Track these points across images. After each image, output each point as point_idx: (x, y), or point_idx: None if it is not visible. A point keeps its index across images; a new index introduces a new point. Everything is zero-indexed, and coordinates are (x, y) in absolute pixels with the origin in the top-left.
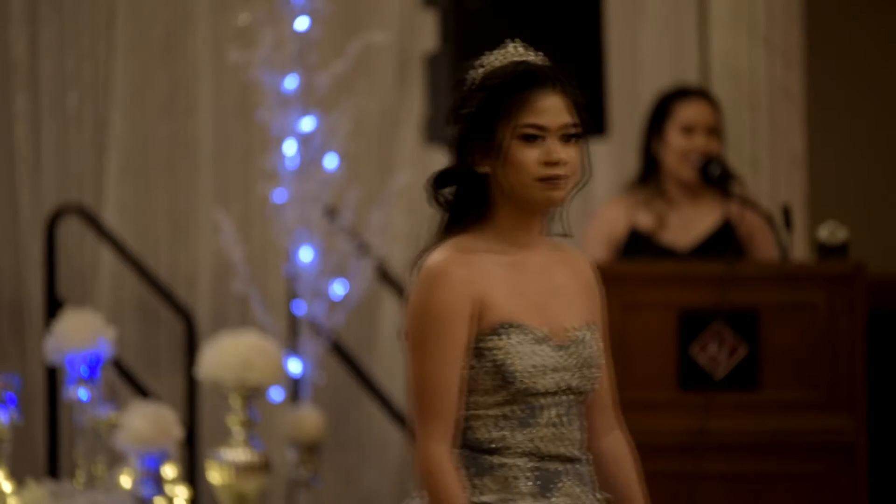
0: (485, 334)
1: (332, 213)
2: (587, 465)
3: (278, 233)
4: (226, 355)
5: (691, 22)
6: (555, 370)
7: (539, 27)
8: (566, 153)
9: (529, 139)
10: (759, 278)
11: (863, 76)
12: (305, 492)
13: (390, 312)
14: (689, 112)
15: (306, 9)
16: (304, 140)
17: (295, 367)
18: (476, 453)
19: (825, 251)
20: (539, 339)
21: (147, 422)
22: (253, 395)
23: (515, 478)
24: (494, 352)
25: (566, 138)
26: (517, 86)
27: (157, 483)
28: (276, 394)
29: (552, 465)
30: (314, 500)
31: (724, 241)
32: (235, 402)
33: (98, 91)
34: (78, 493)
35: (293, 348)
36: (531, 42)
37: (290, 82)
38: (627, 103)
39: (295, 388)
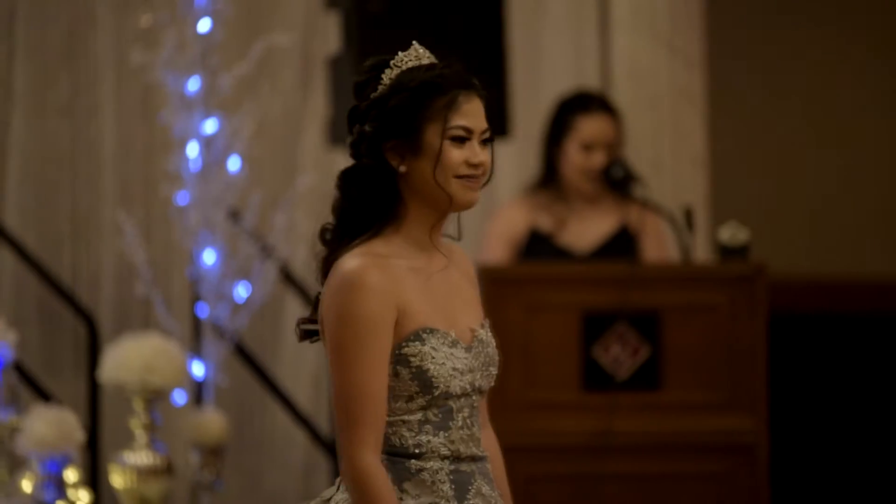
0: (404, 340)
1: (235, 215)
2: (488, 464)
3: (181, 235)
4: (128, 358)
5: (593, 24)
6: (466, 372)
7: (442, 29)
8: (484, 156)
9: (458, 140)
10: (660, 279)
11: (763, 78)
12: (209, 495)
13: (294, 314)
14: (589, 129)
15: (209, 10)
16: (207, 142)
17: (198, 369)
18: (396, 458)
19: (726, 252)
20: (451, 343)
21: (49, 426)
22: (156, 398)
23: (437, 481)
24: (413, 358)
25: (483, 142)
26: (444, 87)
27: (59, 487)
28: (179, 396)
29: (466, 467)
30: (217, 502)
31: (623, 245)
32: (138, 405)
33: None
34: None
35: (196, 351)
36: (434, 44)
37: (193, 84)
38: (530, 105)
39: (198, 390)
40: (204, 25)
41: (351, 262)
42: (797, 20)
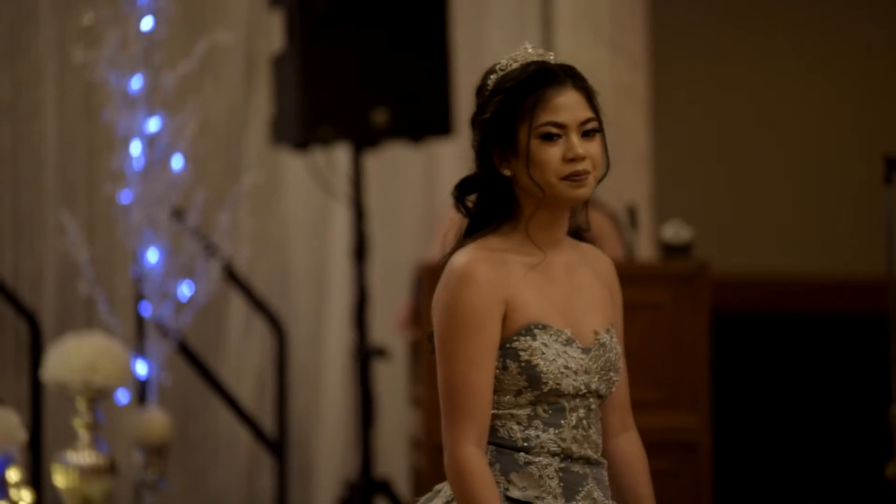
0: (512, 335)
1: (178, 213)
2: (605, 471)
3: (124, 234)
4: (71, 357)
5: (535, 23)
6: (580, 372)
7: (385, 28)
8: (587, 148)
9: (549, 138)
10: None
11: (706, 77)
12: (152, 494)
13: (237, 313)
14: None
15: (151, 8)
16: (151, 140)
17: (141, 368)
18: (505, 450)
19: (669, 251)
20: (566, 341)
21: None
22: (99, 397)
23: (545, 476)
24: (523, 352)
25: (586, 133)
26: (532, 86)
27: (1, 487)
28: (123, 396)
29: (577, 468)
30: (161, 501)
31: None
32: (81, 404)
33: None
34: None
35: (140, 350)
36: (377, 43)
37: (136, 82)
38: (474, 103)
39: (141, 389)
40: (147, 24)
41: (461, 257)
42: (740, 19)
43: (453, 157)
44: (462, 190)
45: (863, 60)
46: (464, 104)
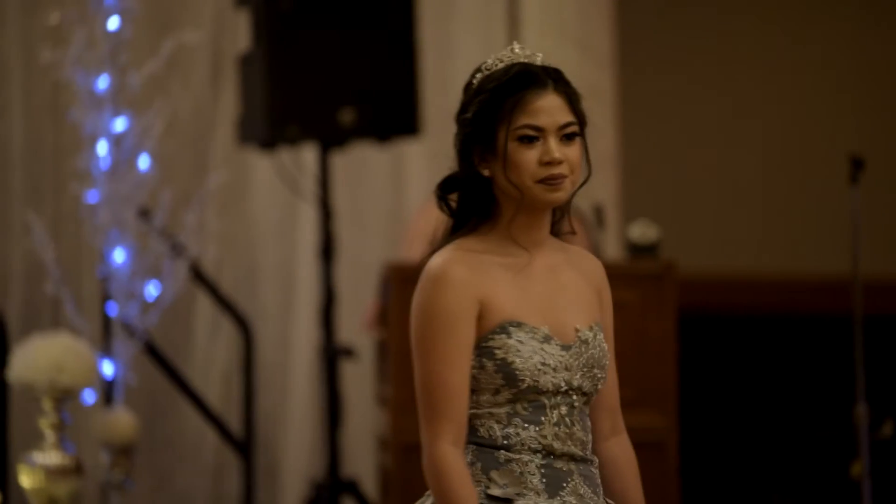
0: (488, 333)
1: (145, 213)
2: (595, 469)
3: (91, 234)
4: (37, 358)
5: (502, 23)
6: (560, 369)
7: (352, 28)
8: (565, 152)
9: (527, 140)
10: None
11: (673, 76)
12: (118, 494)
13: (204, 313)
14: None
15: (118, 8)
16: (117, 140)
17: (108, 368)
18: (485, 448)
19: (636, 250)
20: (543, 338)
21: None
22: (65, 397)
23: (526, 473)
24: (498, 350)
25: (565, 137)
26: (512, 87)
27: None
28: (89, 396)
29: (561, 464)
30: (127, 502)
31: None
32: (47, 404)
33: None
34: None
35: (106, 350)
36: (344, 42)
37: (103, 82)
38: (441, 103)
39: (108, 389)
40: (113, 23)
41: (437, 258)
42: (706, 19)
43: (420, 156)
44: (444, 189)
45: (829, 61)
46: (431, 104)
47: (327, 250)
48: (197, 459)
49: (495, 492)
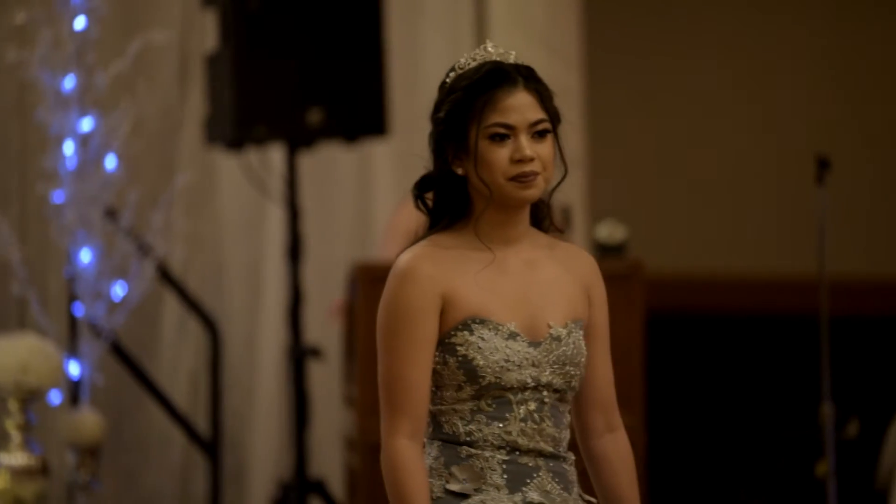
0: (451, 330)
1: (112, 213)
2: (569, 465)
3: (57, 234)
4: (4, 358)
5: (469, 23)
6: (527, 366)
7: (320, 27)
8: (537, 149)
9: (498, 138)
10: None
11: (640, 77)
12: (85, 495)
13: (171, 313)
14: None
15: (84, 8)
16: (84, 140)
17: (74, 369)
18: (448, 444)
19: (604, 250)
20: (509, 335)
21: None
22: (31, 398)
23: (487, 469)
24: (460, 347)
25: (537, 134)
26: (483, 86)
27: None
28: (55, 396)
29: (526, 460)
30: (94, 502)
31: None
32: (13, 405)
33: None
34: None
35: (72, 350)
36: (311, 43)
37: (69, 82)
38: (408, 103)
39: (74, 390)
40: (79, 23)
41: (405, 255)
42: (674, 20)
43: (388, 157)
44: (420, 188)
45: (796, 61)
46: (398, 104)
47: (294, 250)
48: (163, 460)
49: (454, 487)
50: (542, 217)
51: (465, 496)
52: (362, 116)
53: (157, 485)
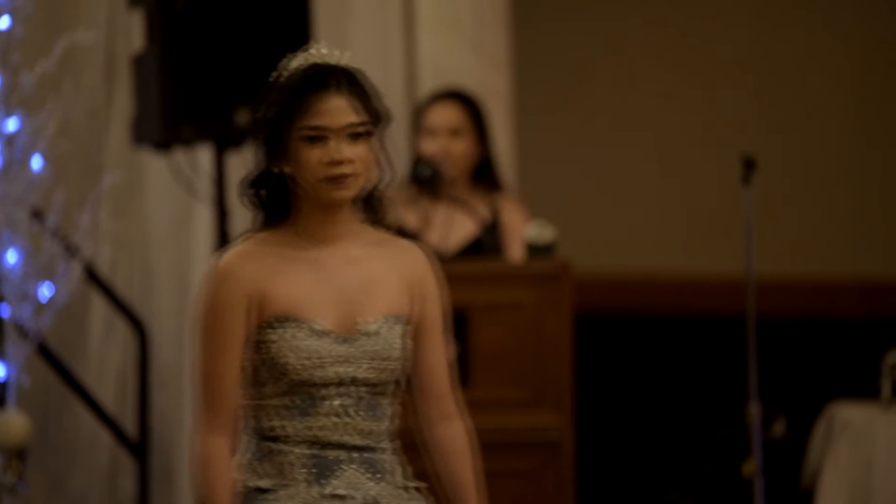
0: (261, 328)
1: (38, 214)
2: (386, 454)
3: None
4: None
5: (398, 24)
6: (336, 362)
7: (247, 28)
8: (351, 151)
9: (311, 140)
10: (468, 278)
11: (568, 77)
12: (11, 497)
13: (98, 314)
14: (432, 116)
15: (9, 7)
16: (9, 140)
17: (0, 370)
18: (259, 439)
19: (533, 251)
20: (316, 333)
21: None
22: None
23: (291, 464)
24: (268, 345)
25: (353, 137)
26: (299, 89)
27: None
28: None
29: (332, 454)
30: None
31: (489, 243)
32: None
33: None
34: None
35: None
36: (239, 42)
37: None
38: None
39: (0, 392)
40: (4, 22)
41: (221, 255)
42: (602, 20)
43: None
44: (246, 186)
45: (723, 61)
46: None
47: (222, 251)
48: (91, 461)
49: (261, 482)
50: (379, 214)
51: (267, 491)
52: None
53: (85, 487)
